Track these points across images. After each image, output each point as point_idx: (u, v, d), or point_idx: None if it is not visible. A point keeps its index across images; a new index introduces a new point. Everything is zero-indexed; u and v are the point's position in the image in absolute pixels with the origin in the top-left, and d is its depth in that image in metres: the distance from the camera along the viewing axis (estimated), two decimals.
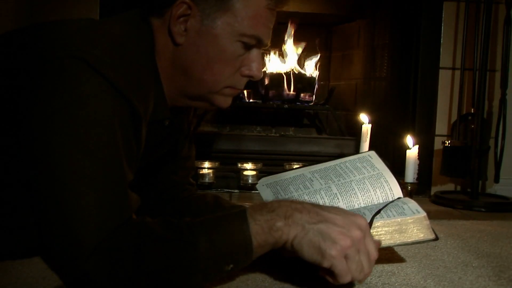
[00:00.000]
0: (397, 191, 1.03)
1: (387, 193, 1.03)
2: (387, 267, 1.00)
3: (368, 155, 1.12)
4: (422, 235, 0.93)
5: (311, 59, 2.36)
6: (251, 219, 0.78)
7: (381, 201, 1.02)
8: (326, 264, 0.78)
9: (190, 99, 0.99)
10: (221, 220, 0.80)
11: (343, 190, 1.04)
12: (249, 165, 1.96)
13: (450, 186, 2.11)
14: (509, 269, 1.04)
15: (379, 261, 1.03)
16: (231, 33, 0.91)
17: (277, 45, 2.33)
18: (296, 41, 2.35)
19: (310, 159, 1.14)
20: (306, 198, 1.04)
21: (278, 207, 0.81)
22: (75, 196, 0.75)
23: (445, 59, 2.08)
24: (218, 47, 0.91)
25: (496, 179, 1.99)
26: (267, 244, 0.79)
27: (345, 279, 0.79)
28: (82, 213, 0.74)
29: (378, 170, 1.07)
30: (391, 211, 0.95)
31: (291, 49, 2.34)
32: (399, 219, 0.92)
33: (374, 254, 0.82)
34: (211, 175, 1.94)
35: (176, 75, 0.94)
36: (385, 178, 1.05)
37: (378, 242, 0.88)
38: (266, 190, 1.09)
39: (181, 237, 0.76)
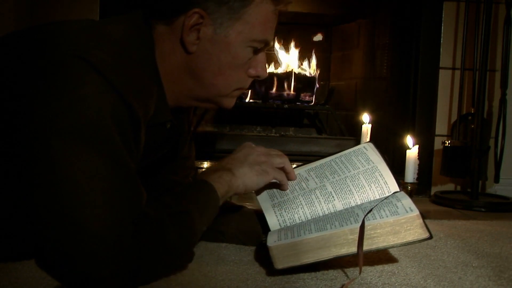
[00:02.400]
0: (393, 185, 1.02)
1: (382, 188, 1.02)
2: (387, 267, 1.00)
3: (364, 147, 1.11)
4: (416, 235, 0.91)
5: (311, 59, 2.36)
6: (211, 182, 0.94)
7: (377, 196, 1.02)
8: (272, 175, 1.03)
9: (197, 101, 1.01)
10: (194, 189, 0.94)
11: (338, 188, 1.03)
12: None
13: (450, 186, 2.11)
14: (509, 269, 1.04)
15: (379, 261, 1.03)
16: (243, 40, 0.93)
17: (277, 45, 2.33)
18: (297, 41, 2.35)
19: (310, 159, 1.13)
20: (301, 199, 1.04)
21: (220, 167, 1.00)
22: (86, 195, 0.75)
23: (445, 59, 2.07)
24: (230, 55, 0.94)
25: (496, 179, 1.99)
26: (225, 195, 0.97)
27: (283, 177, 1.06)
28: (95, 212, 0.75)
29: (373, 163, 1.06)
30: (384, 211, 0.93)
31: (291, 49, 2.34)
32: (391, 220, 0.90)
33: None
34: None
35: (184, 80, 0.95)
36: (379, 171, 1.04)
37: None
38: (261, 192, 1.09)
39: (176, 209, 0.85)
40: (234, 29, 0.92)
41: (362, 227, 0.89)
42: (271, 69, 2.31)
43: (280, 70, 2.30)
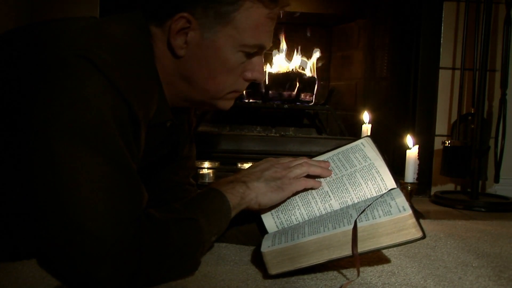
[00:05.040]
0: (389, 181, 1.02)
1: (379, 184, 1.01)
2: (387, 267, 1.00)
3: (361, 143, 1.10)
4: (409, 235, 0.90)
5: (311, 59, 2.36)
6: (223, 192, 0.94)
7: (374, 193, 1.01)
8: (288, 191, 1.00)
9: (192, 103, 1.01)
10: (205, 198, 0.94)
11: (334, 187, 1.03)
12: (249, 165, 1.95)
13: (450, 186, 2.11)
14: (509, 269, 1.04)
15: (379, 261, 1.03)
16: (233, 44, 0.92)
17: (277, 45, 2.33)
18: (296, 41, 2.35)
19: None
20: (297, 199, 1.03)
21: (234, 179, 0.99)
22: (86, 195, 0.75)
23: (445, 59, 2.08)
24: (220, 59, 0.92)
25: (496, 179, 1.99)
26: (237, 207, 0.96)
27: (307, 183, 1.02)
28: (95, 212, 0.75)
29: (370, 160, 1.05)
30: (377, 211, 0.92)
31: (291, 49, 2.34)
32: (384, 220, 0.89)
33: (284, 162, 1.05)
34: (211, 175, 1.94)
35: (177, 82, 0.95)
36: (376, 168, 1.03)
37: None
38: None
39: (183, 215, 0.86)
40: (222, 33, 0.90)
41: (354, 229, 0.89)
42: (271, 69, 2.31)
43: (280, 70, 2.30)
